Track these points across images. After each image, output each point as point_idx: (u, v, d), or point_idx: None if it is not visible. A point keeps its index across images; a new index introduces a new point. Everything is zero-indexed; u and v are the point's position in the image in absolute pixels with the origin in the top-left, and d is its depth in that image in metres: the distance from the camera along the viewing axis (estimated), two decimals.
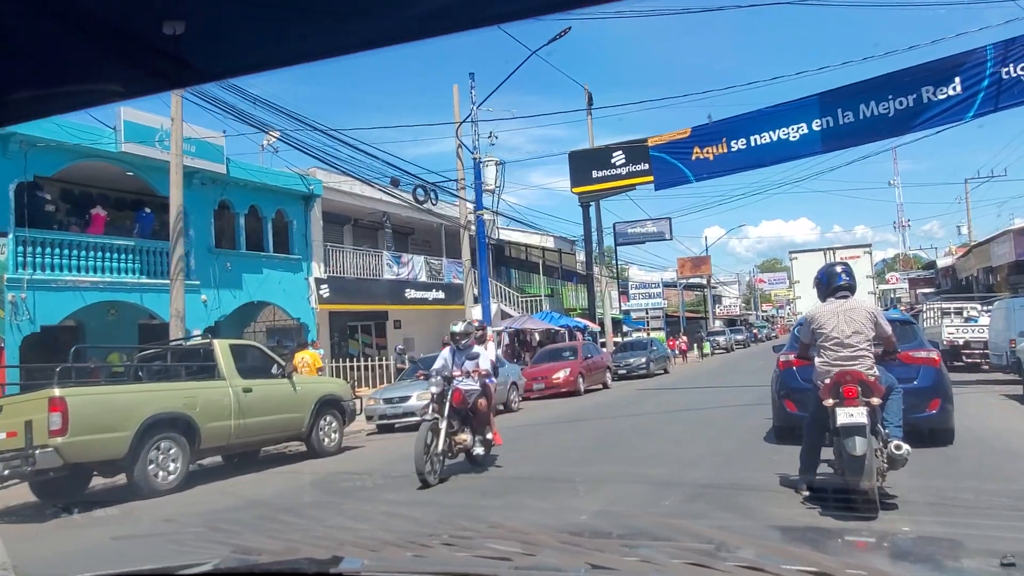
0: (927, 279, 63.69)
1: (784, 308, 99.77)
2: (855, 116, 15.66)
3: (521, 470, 8.49)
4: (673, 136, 17.93)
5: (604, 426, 12.35)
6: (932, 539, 2.64)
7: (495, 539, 1.77)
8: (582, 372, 20.02)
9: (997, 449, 8.03)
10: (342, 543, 1.81)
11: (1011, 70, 14.20)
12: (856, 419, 5.16)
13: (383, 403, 13.24)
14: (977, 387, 15.95)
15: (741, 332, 55.51)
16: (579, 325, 29.72)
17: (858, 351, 5.51)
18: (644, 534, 2.17)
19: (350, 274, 25.32)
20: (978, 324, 22.07)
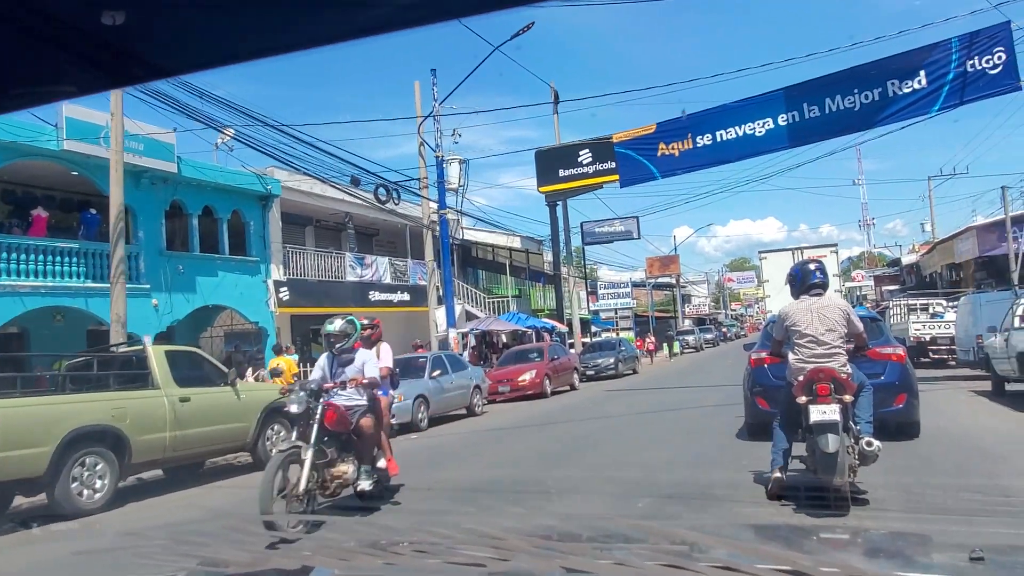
0: (892, 276, 64.48)
1: (753, 307, 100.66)
2: (821, 110, 15.44)
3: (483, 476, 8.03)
4: (638, 132, 17.59)
5: (570, 429, 11.93)
6: (903, 535, 2.65)
7: (468, 545, 1.73)
8: (548, 374, 19.61)
9: (967, 447, 7.77)
10: (311, 553, 1.78)
11: (976, 63, 14.06)
12: (829, 416, 5.17)
13: None
14: (945, 383, 15.84)
15: (710, 331, 55.57)
16: (547, 326, 29.32)
17: (832, 348, 5.51)
18: (618, 536, 2.13)
19: (312, 276, 24.65)
20: (944, 320, 22.09)
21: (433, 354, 14.75)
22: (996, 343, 12.51)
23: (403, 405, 12.68)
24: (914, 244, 61.34)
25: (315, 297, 24.66)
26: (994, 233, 32.49)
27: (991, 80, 13.95)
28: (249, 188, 20.91)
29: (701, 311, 76.87)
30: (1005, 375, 12.29)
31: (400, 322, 29.06)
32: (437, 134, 21.17)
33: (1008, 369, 11.86)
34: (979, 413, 10.61)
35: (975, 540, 1.62)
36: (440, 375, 13.94)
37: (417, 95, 21.85)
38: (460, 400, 14.81)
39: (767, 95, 16.34)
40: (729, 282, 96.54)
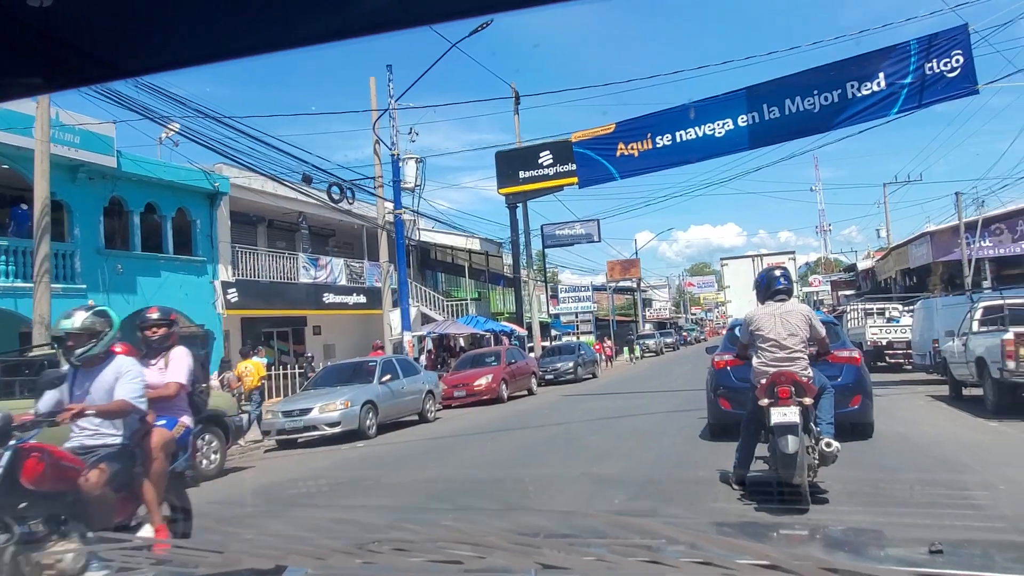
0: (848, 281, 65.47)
1: (713, 311, 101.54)
2: (781, 111, 15.24)
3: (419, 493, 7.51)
4: (597, 132, 17.22)
5: (522, 438, 11.46)
6: (865, 530, 2.74)
7: (445, 542, 1.69)
8: (505, 378, 19.14)
9: (932, 456, 7.47)
10: (286, 552, 1.72)
11: (934, 66, 13.97)
12: (789, 418, 5.34)
13: (282, 416, 12.04)
14: (903, 388, 15.75)
15: (671, 335, 55.64)
16: (505, 329, 28.86)
17: (793, 352, 5.68)
18: (595, 533, 2.06)
19: (264, 277, 23.87)
20: (900, 325, 22.17)
21: (384, 358, 14.18)
22: (954, 348, 12.38)
23: (350, 412, 12.11)
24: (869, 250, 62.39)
25: (267, 299, 23.89)
26: (948, 238, 32.97)
27: (949, 83, 13.87)
28: (195, 185, 20.09)
29: (662, 315, 77.15)
30: (963, 380, 12.17)
31: (356, 325, 28.39)
32: (393, 132, 20.60)
33: (966, 374, 11.72)
34: (940, 419, 10.41)
35: (932, 533, 1.69)
36: (390, 380, 13.38)
37: (373, 92, 21.25)
38: (412, 406, 14.26)
39: (727, 95, 16.11)
40: (689, 287, 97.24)
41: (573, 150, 17.54)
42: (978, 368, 10.85)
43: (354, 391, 12.55)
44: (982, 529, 4.41)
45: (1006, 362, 9.62)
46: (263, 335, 26.54)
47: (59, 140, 15.61)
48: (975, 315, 11.81)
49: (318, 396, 12.54)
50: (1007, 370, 9.64)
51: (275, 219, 27.40)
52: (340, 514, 5.66)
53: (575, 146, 17.53)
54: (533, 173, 31.92)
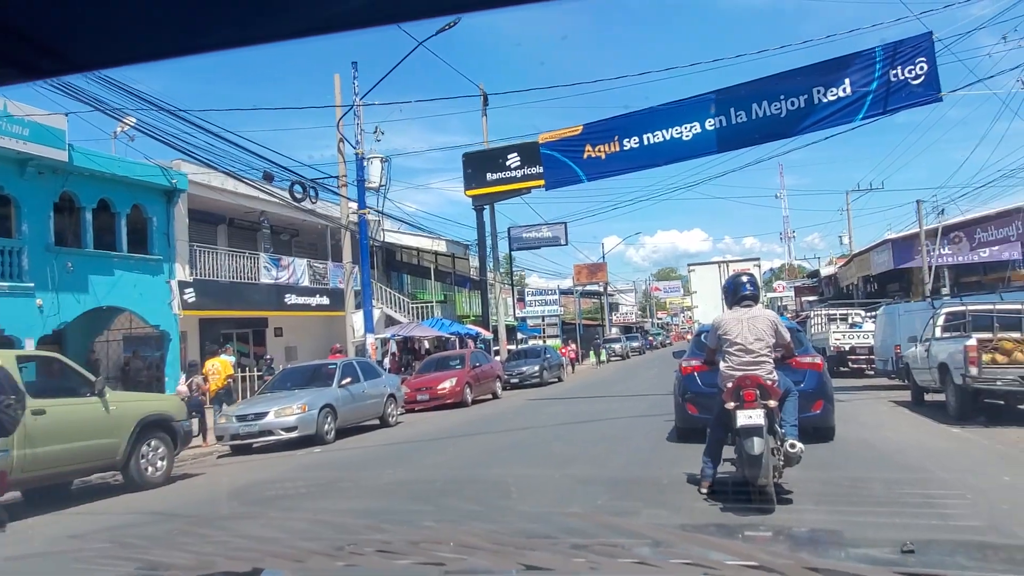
0: (811, 287, 66.34)
1: (679, 315, 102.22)
2: (748, 116, 15.22)
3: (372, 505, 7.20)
4: (564, 133, 17.07)
5: (485, 443, 11.20)
6: (838, 531, 2.80)
7: (427, 544, 1.67)
8: (470, 382, 18.86)
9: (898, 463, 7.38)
10: (263, 555, 1.67)
11: (899, 72, 14.05)
12: (754, 421, 5.45)
13: (236, 421, 11.62)
14: (865, 393, 15.80)
15: (637, 339, 55.79)
16: (471, 332, 28.58)
17: (759, 357, 5.79)
18: (577, 533, 2.07)
19: (223, 277, 23.29)
20: (862, 330, 22.35)
21: (344, 361, 13.81)
22: (916, 354, 12.41)
23: (307, 416, 11.74)
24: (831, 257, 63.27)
25: (226, 299, 23.31)
26: (909, 246, 33.46)
27: (913, 91, 13.97)
28: (152, 181, 19.49)
29: (628, 319, 77.45)
30: (925, 385, 12.19)
31: (319, 326, 27.87)
32: (357, 130, 20.20)
33: (928, 380, 11.74)
34: (902, 425, 10.38)
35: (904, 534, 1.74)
36: (350, 383, 13.02)
37: (337, 89, 20.87)
38: (373, 410, 13.91)
39: (695, 99, 16.06)
40: (656, 291, 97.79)
41: (540, 151, 17.37)
42: (940, 374, 10.86)
43: (312, 395, 12.19)
44: (953, 534, 4.37)
45: (969, 368, 9.61)
46: (222, 336, 25.95)
47: (6, 132, 15.02)
48: (937, 321, 11.85)
49: (274, 400, 12.15)
50: (970, 376, 9.63)
51: (236, 218, 26.79)
52: (317, 516, 5.37)
53: (542, 147, 17.35)
54: (500, 175, 31.64)
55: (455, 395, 18.20)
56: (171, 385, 20.68)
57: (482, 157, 32.48)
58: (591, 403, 17.08)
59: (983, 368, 9.57)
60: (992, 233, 30.86)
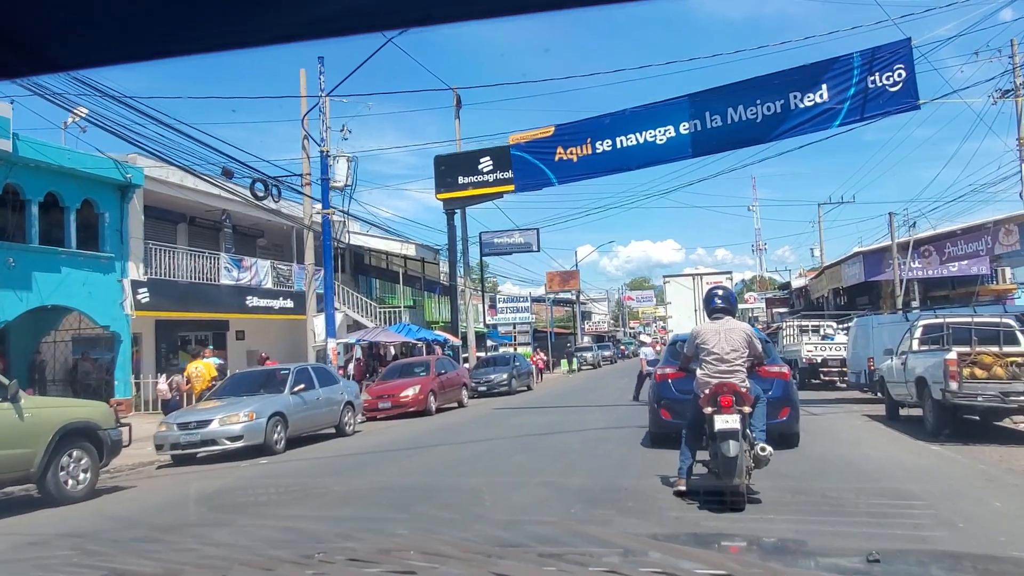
0: (782, 299, 66.58)
1: (651, 325, 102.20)
2: (723, 120, 14.82)
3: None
4: (536, 135, 16.55)
5: (443, 455, 10.57)
6: (807, 543, 2.78)
7: (398, 552, 1.66)
8: (434, 390, 18.21)
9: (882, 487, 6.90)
10: (231, 563, 1.63)
11: (877, 79, 13.74)
12: (731, 425, 5.79)
13: (177, 429, 10.86)
14: (838, 407, 15.43)
15: (608, 348, 55.41)
16: (439, 339, 27.91)
17: (734, 366, 6.15)
18: (552, 542, 1.97)
19: (182, 278, 22.43)
20: (834, 342, 22.08)
21: (298, 366, 13.10)
22: (892, 367, 12.03)
23: (255, 425, 11.02)
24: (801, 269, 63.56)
25: (183, 300, 22.45)
26: (879, 259, 33.45)
27: (891, 97, 13.66)
28: (104, 175, 18.63)
29: (600, 328, 77.23)
30: (901, 400, 11.81)
31: (283, 330, 27.02)
32: (323, 127, 19.50)
33: (904, 394, 11.36)
34: (879, 441, 9.95)
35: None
36: (303, 390, 12.32)
37: (303, 85, 20.13)
38: (328, 418, 13.21)
39: (670, 101, 15.63)
40: (629, 300, 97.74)
41: (510, 153, 16.82)
42: (918, 388, 10.47)
43: (261, 402, 11.47)
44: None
45: (949, 383, 9.21)
46: (180, 339, 25.05)
47: None
48: (914, 334, 11.47)
49: (220, 407, 11.40)
50: (949, 391, 9.22)
51: (198, 217, 25.92)
52: (287, 523, 5.25)
53: (512, 149, 16.83)
54: (472, 179, 31.02)
55: (418, 403, 17.54)
56: (121, 389, 19.81)
57: (454, 160, 31.88)
58: (558, 413, 16.53)
59: (964, 383, 9.17)
60: (961, 247, 30.91)
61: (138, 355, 22.63)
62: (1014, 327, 10.75)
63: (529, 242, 33.78)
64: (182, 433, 10.79)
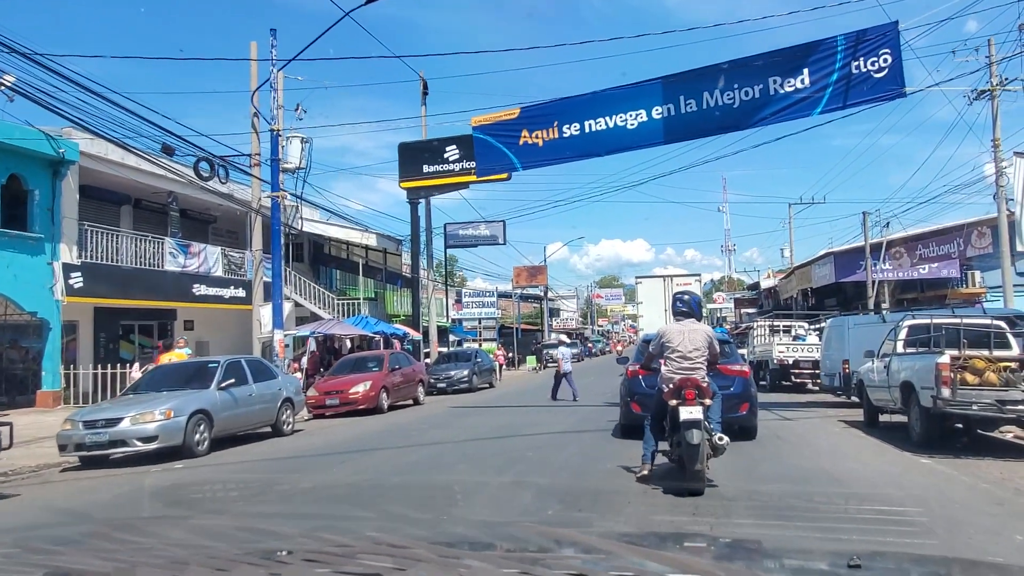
0: (751, 300, 66.43)
1: (619, 323, 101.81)
2: (698, 105, 13.90)
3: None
4: (500, 116, 15.48)
5: (375, 463, 9.46)
6: (788, 549, 2.61)
7: (366, 553, 1.60)
8: (387, 386, 17.10)
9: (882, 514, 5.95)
10: (185, 562, 1.59)
11: (861, 64, 12.92)
12: (694, 415, 6.33)
13: (82, 427, 9.61)
14: (811, 411, 14.64)
15: (576, 346, 54.45)
16: (398, 332, 26.74)
17: (696, 363, 6.72)
18: (525, 544, 1.99)
19: (125, 263, 21.00)
20: (806, 343, 21.38)
21: (229, 359, 11.88)
22: (873, 370, 11.20)
23: (172, 424, 9.83)
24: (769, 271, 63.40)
25: (124, 287, 21.03)
26: (851, 259, 32.97)
27: (876, 84, 12.85)
28: (34, 149, 17.25)
29: (569, 325, 76.46)
30: (882, 406, 11.00)
31: (235, 320, 25.63)
32: (273, 104, 18.23)
33: (886, 399, 10.53)
34: (863, 452, 9.07)
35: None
36: (233, 385, 11.13)
37: (253, 58, 18.83)
38: (262, 416, 12.02)
39: (642, 84, 14.68)
40: (598, 298, 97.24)
41: (472, 135, 15.74)
42: (903, 394, 9.62)
43: (182, 398, 10.26)
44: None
45: (940, 389, 8.35)
46: (122, 328, 23.61)
47: None
48: (899, 335, 10.63)
49: (135, 403, 10.18)
50: (941, 398, 8.37)
51: (143, 199, 24.47)
52: (249, 522, 4.76)
53: (474, 131, 15.73)
54: (438, 168, 30.05)
55: (369, 400, 16.42)
56: (49, 380, 18.41)
57: (419, 148, 30.78)
58: (517, 414, 15.53)
59: (957, 389, 8.32)
60: (933, 249, 30.51)
61: (74, 344, 21.23)
62: (1004, 329, 9.98)
63: (495, 234, 32.74)
64: (88, 432, 9.56)
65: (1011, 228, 22.58)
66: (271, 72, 18.09)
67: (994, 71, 21.82)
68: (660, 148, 15.83)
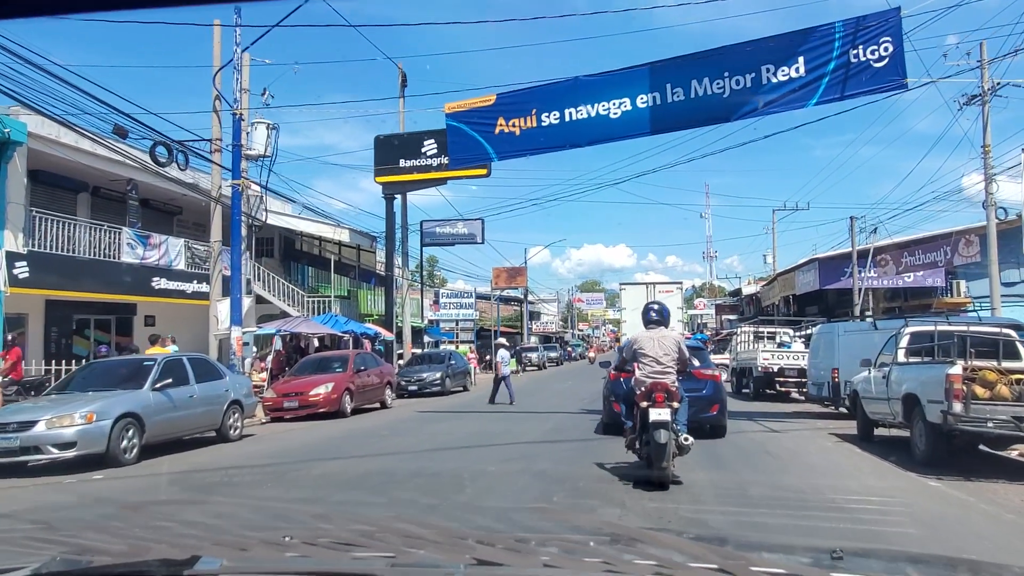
0: (732, 306, 66.04)
1: (600, 328, 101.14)
2: (686, 94, 13.00)
3: None
4: (475, 103, 14.51)
5: (326, 474, 8.44)
6: (774, 544, 2.62)
7: (379, 535, 1.65)
8: (350, 388, 16.06)
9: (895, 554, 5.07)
10: (202, 542, 1.61)
11: (860, 53, 12.09)
12: (663, 417, 6.96)
13: None
14: (799, 422, 13.80)
15: (555, 349, 53.60)
16: (369, 332, 25.66)
17: (666, 368, 7.34)
18: (534, 530, 2.08)
19: (81, 253, 19.76)
20: (792, 350, 20.59)
21: (167, 357, 10.81)
22: (871, 380, 10.34)
23: (95, 428, 8.74)
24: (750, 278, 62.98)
25: (77, 278, 19.77)
26: (836, 266, 32.36)
27: (875, 74, 12.02)
28: None
29: (549, 329, 75.58)
30: (880, 419, 10.15)
31: (199, 316, 24.41)
32: (236, 87, 17.16)
33: (885, 412, 9.68)
34: (863, 470, 8.19)
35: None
36: (170, 385, 10.05)
37: (217, 39, 17.74)
38: (205, 420, 10.94)
39: (626, 71, 13.75)
40: (579, 303, 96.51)
41: (446, 123, 14.74)
42: (906, 407, 8.76)
43: (108, 399, 9.19)
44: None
45: (952, 404, 7.49)
46: (76, 322, 22.36)
47: None
48: (900, 342, 9.77)
49: (55, 405, 9.09)
50: (952, 414, 7.51)
51: (102, 187, 23.19)
52: (273, 505, 5.11)
53: (448, 118, 14.74)
54: (415, 163, 29.08)
55: (330, 403, 15.38)
56: None
57: (396, 142, 29.77)
58: (487, 420, 14.56)
59: (969, 404, 7.46)
60: (919, 257, 29.96)
61: (23, 339, 20.00)
62: (1014, 338, 9.15)
63: (473, 233, 31.75)
64: None
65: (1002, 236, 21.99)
66: (235, 52, 17.02)
67: (985, 76, 21.23)
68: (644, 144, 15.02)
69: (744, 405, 17.98)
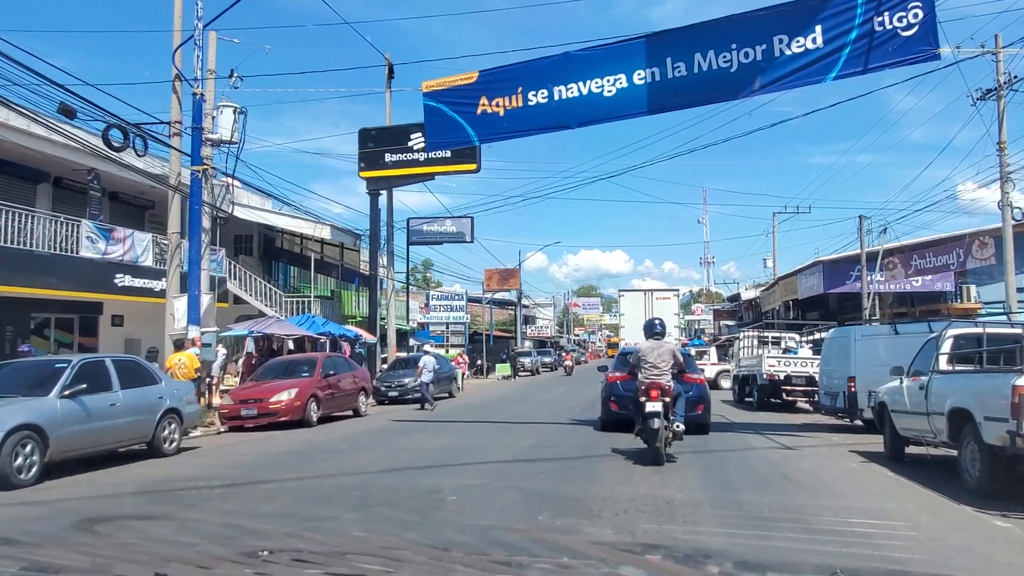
0: (730, 311, 64.67)
1: (596, 333, 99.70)
2: (688, 68, 11.60)
3: None
4: (455, 81, 13.08)
5: (246, 504, 6.95)
6: (771, 563, 2.54)
7: (355, 554, 1.59)
8: (317, 394, 14.58)
9: None
10: (168, 559, 1.56)
11: (886, 20, 10.71)
12: (655, 408, 8.72)
13: None
14: (812, 436, 12.36)
15: (549, 354, 52.08)
16: (348, 334, 24.17)
17: (663, 372, 9.13)
18: (517, 549, 1.99)
19: (39, 247, 18.30)
20: (798, 357, 19.16)
21: (85, 358, 9.27)
22: (903, 391, 8.89)
23: None
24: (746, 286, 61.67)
25: (31, 274, 18.30)
26: (841, 269, 30.93)
27: (903, 44, 10.63)
28: None
29: (544, 334, 74.13)
30: (914, 436, 8.71)
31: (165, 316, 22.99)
32: (196, 63, 15.72)
33: (923, 430, 8.23)
34: (907, 503, 6.72)
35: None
36: (85, 391, 8.56)
37: (177, 13, 16.30)
38: (132, 432, 9.44)
39: (623, 43, 12.30)
40: (575, 307, 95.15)
41: (423, 102, 13.29)
42: (953, 425, 7.31)
43: (2, 408, 7.72)
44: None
45: (1021, 423, 6.03)
46: (33, 321, 20.87)
47: None
48: (942, 347, 8.31)
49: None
50: (1021, 434, 6.05)
51: (64, 177, 21.74)
52: (243, 521, 4.98)
53: (425, 98, 13.30)
54: (402, 157, 27.66)
55: (293, 411, 13.91)
56: None
57: (381, 135, 28.36)
58: (465, 433, 13.11)
59: None
60: (930, 260, 28.50)
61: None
62: None
63: (462, 231, 30.27)
64: None
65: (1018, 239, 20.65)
66: (196, 27, 15.58)
67: (1000, 68, 19.86)
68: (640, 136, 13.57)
69: (749, 416, 16.54)
